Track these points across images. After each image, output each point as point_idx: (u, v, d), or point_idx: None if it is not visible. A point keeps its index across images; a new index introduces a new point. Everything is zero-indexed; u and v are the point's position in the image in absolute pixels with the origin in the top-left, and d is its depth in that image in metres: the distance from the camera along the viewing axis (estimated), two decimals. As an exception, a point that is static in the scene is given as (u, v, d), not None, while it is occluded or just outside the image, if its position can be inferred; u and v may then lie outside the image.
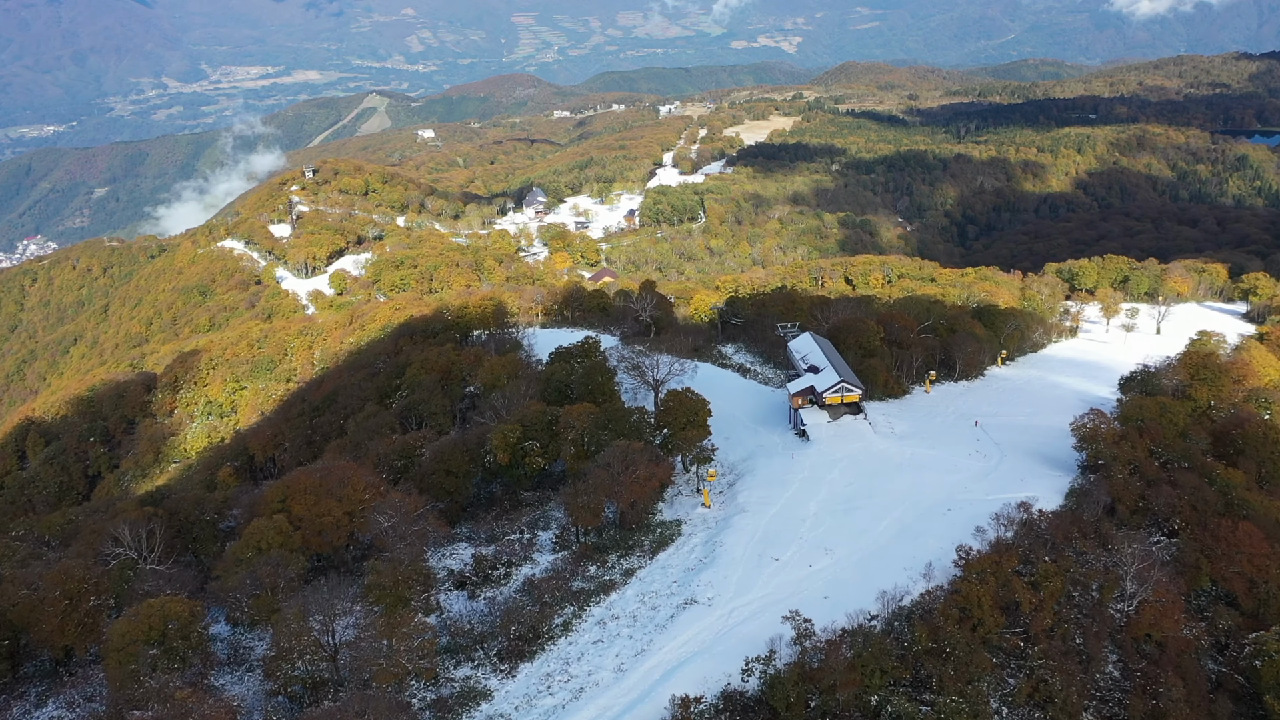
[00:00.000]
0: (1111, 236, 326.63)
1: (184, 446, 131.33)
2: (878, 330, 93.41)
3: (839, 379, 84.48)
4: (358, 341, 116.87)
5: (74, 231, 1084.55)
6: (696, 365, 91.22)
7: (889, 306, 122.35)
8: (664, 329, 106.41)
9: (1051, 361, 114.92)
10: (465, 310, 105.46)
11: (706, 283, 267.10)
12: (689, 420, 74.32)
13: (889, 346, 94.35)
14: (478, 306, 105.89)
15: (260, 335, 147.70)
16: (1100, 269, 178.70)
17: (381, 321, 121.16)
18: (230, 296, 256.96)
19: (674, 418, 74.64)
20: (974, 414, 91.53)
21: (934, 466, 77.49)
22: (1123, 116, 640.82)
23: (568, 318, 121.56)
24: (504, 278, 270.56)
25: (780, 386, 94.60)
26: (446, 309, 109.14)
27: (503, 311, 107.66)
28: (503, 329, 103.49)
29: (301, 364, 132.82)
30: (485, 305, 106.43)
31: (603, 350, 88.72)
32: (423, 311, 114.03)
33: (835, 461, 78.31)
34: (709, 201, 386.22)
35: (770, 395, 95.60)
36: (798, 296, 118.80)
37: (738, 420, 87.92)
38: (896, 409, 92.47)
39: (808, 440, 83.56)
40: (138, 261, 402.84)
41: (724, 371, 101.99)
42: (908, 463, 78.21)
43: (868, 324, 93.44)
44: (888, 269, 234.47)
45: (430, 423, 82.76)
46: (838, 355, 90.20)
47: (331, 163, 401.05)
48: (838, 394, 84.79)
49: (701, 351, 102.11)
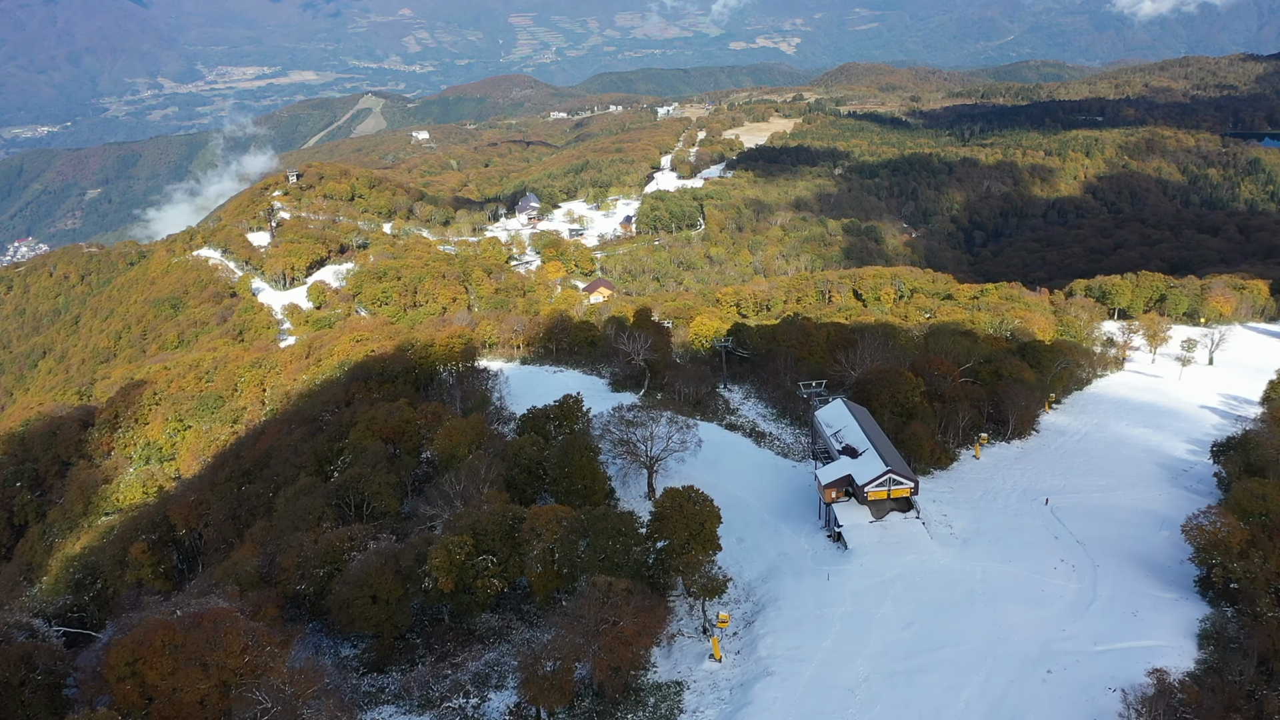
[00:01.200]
0: (1129, 245, 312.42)
1: (116, 497, 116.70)
2: (916, 382, 77.91)
3: (885, 469, 66.07)
4: (312, 379, 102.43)
5: (65, 233, 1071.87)
6: (699, 431, 74.83)
7: (919, 340, 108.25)
8: (661, 370, 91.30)
9: (1103, 403, 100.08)
10: (431, 349, 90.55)
11: (707, 295, 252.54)
12: (693, 533, 56.87)
13: (930, 401, 78.80)
14: (445, 345, 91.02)
15: (211, 365, 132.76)
16: (1134, 287, 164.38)
17: (340, 355, 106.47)
18: (202, 310, 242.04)
19: (673, 530, 56.98)
20: (1038, 488, 75.50)
21: (1015, 593, 59.83)
22: (1130, 119, 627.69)
23: (551, 352, 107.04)
24: (492, 290, 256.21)
25: (802, 458, 79.10)
26: (411, 345, 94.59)
27: (472, 353, 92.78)
28: (472, 372, 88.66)
29: (251, 402, 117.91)
30: (453, 343, 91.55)
31: (585, 409, 73.72)
32: (384, 347, 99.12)
33: (885, 586, 60.73)
34: (708, 207, 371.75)
35: (792, 473, 78.09)
36: (812, 328, 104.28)
37: (753, 512, 70.68)
38: (946, 486, 76.26)
39: (845, 549, 66.04)
40: (116, 269, 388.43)
41: (732, 436, 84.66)
42: (980, 587, 60.31)
43: (904, 375, 77.94)
44: (899, 283, 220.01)
45: (373, 503, 67.80)
46: (877, 428, 72.96)
47: (316, 166, 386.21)
48: (883, 488, 66.43)
49: (704, 405, 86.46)
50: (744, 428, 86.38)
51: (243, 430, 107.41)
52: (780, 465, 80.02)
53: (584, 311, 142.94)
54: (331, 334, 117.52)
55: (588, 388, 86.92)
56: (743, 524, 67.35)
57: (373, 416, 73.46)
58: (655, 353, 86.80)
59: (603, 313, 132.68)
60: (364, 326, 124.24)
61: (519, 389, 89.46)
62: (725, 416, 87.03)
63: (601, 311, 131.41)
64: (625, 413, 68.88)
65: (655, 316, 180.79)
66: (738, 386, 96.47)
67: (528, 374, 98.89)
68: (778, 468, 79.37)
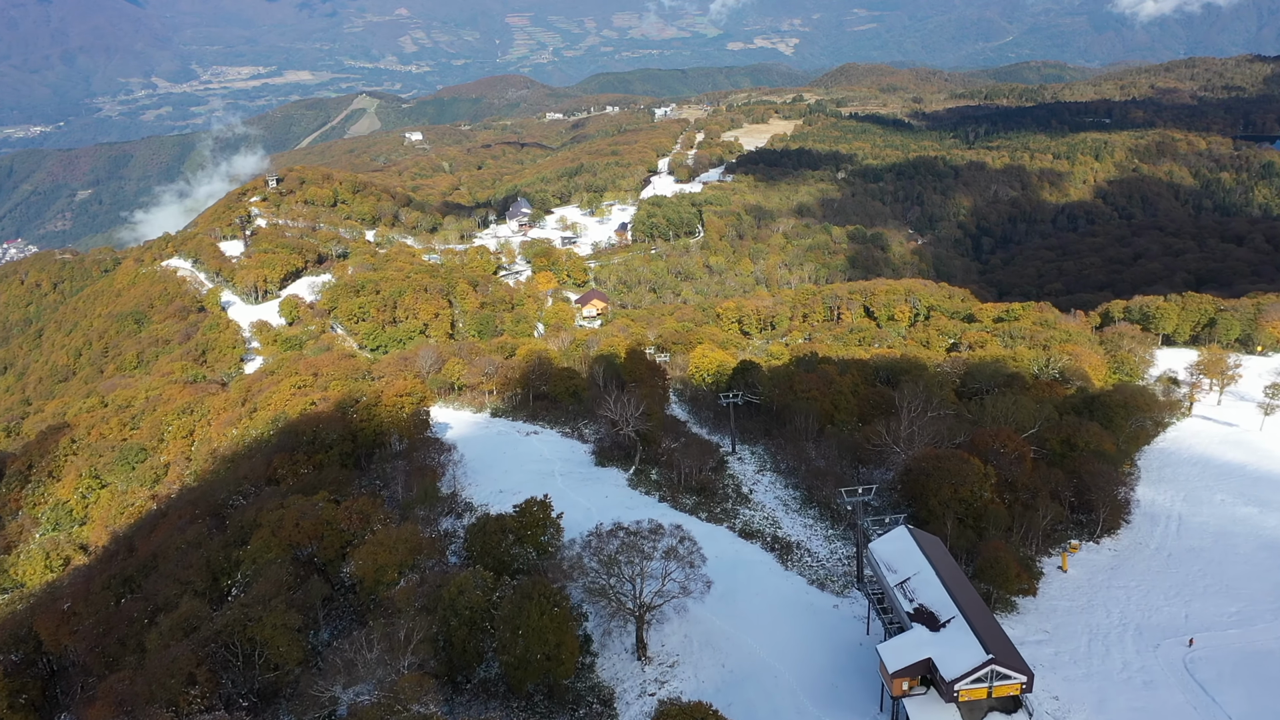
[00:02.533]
0: (1150, 255, 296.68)
1: (15, 570, 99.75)
2: (984, 474, 60.34)
3: (987, 658, 46.02)
4: (242, 436, 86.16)
5: (55, 235, 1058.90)
6: (706, 540, 56.67)
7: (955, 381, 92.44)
8: (655, 439, 74.08)
9: (1182, 465, 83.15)
10: (376, 411, 73.96)
11: (706, 309, 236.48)
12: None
13: (999, 492, 61.65)
14: (392, 405, 74.29)
15: (142, 406, 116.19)
16: (1181, 309, 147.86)
17: (276, 406, 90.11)
18: (165, 327, 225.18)
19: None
20: (1153, 622, 58.35)
21: None
22: (1139, 121, 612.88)
23: (528, 401, 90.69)
24: (477, 304, 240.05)
25: (843, 587, 60.25)
26: (355, 402, 78.08)
27: (423, 420, 75.86)
28: (423, 442, 71.86)
29: (176, 457, 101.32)
30: (402, 403, 74.98)
31: (557, 516, 56.65)
32: (326, 400, 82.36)
33: None
34: (707, 214, 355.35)
35: (833, 620, 57.35)
36: (834, 374, 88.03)
37: (782, 691, 50.34)
38: (1038, 628, 57.58)
39: None
40: (90, 276, 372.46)
41: (748, 550, 63.86)
42: None
43: (969, 465, 59.61)
44: (915, 300, 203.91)
45: (266, 652, 50.95)
46: (961, 577, 52.27)
47: (298, 170, 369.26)
48: (982, 684, 46.39)
49: (709, 490, 68.37)
50: (763, 534, 65.69)
51: (162, 493, 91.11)
52: (816, 604, 59.32)
53: (568, 345, 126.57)
54: (271, 380, 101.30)
55: (567, 458, 70.91)
56: (770, 715, 49.00)
57: (281, 519, 56.55)
58: (649, 419, 69.80)
59: (591, 345, 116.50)
60: (313, 367, 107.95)
61: (482, 459, 72.89)
62: (737, 510, 67.52)
63: (589, 344, 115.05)
64: (606, 541, 51.43)
65: (652, 340, 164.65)
66: (750, 451, 79.81)
67: (495, 435, 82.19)
68: (813, 608, 58.74)
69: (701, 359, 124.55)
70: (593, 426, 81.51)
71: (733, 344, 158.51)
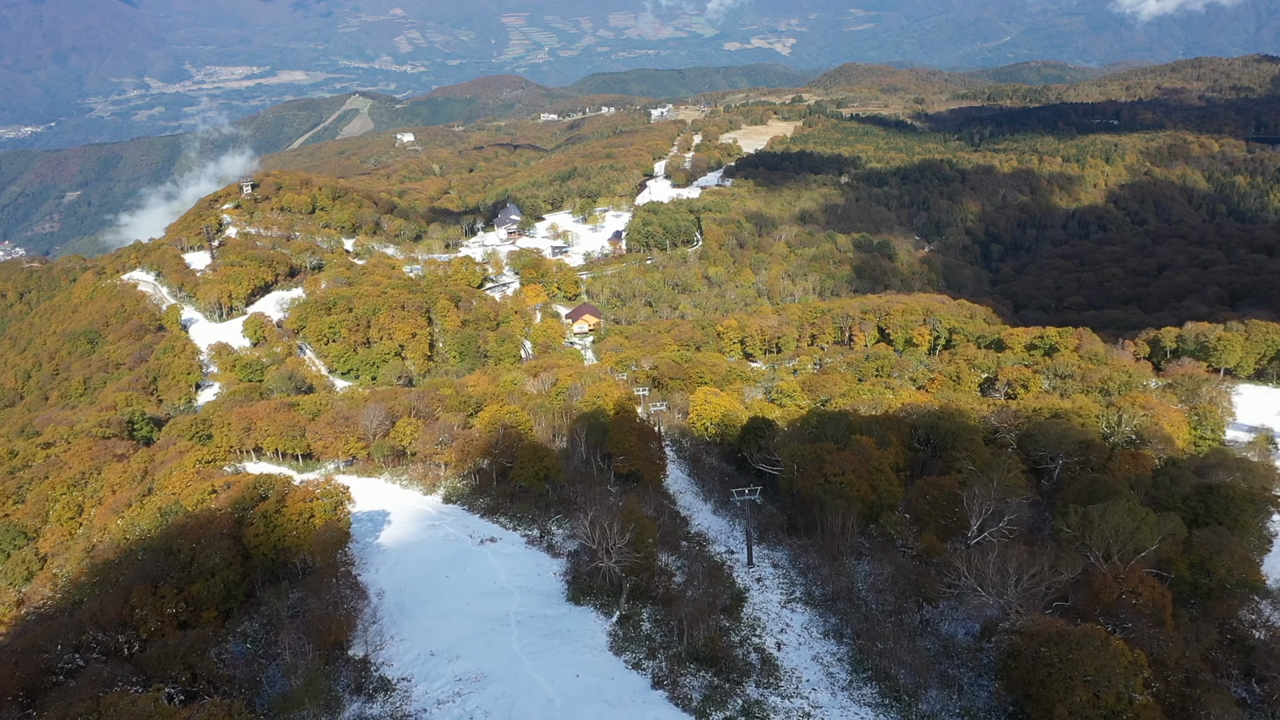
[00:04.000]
0: (1176, 266, 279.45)
1: None
2: (1133, 662, 39.28)
3: None
4: (125, 532, 67.77)
5: (43, 237, 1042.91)
6: None
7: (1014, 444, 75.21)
8: (647, 568, 53.90)
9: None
10: (277, 520, 55.10)
11: (706, 328, 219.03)
12: None
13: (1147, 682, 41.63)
14: (297, 516, 55.30)
15: (34, 473, 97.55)
16: (1245, 339, 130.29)
17: (172, 489, 71.48)
18: (118, 349, 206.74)
19: None
20: None
21: None
22: (1149, 123, 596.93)
23: (489, 481, 72.54)
24: (459, 322, 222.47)
25: None
26: (254, 502, 59.17)
27: (339, 537, 56.52)
28: (333, 571, 52.78)
29: (55, 546, 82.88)
30: (311, 511, 55.96)
31: None
32: (225, 495, 62.98)
33: None
34: (706, 221, 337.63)
35: None
36: (872, 451, 70.10)
37: None
38: None
39: None
40: (58, 286, 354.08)
41: None
42: None
43: (1108, 648, 38.39)
44: (934, 321, 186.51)
45: None
46: None
47: (275, 175, 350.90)
48: None
49: (723, 659, 47.07)
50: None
51: (33, 596, 72.61)
52: None
53: (549, 387, 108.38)
54: (174, 450, 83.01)
55: (530, 587, 52.56)
56: None
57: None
58: (638, 553, 50.94)
59: (574, 392, 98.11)
60: (246, 419, 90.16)
61: (415, 592, 53.57)
62: (766, 700, 44.86)
63: (573, 390, 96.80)
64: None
65: (645, 372, 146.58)
66: (771, 565, 61.37)
67: (441, 541, 63.12)
68: None
69: (704, 406, 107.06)
70: (568, 525, 63.60)
71: (737, 375, 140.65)
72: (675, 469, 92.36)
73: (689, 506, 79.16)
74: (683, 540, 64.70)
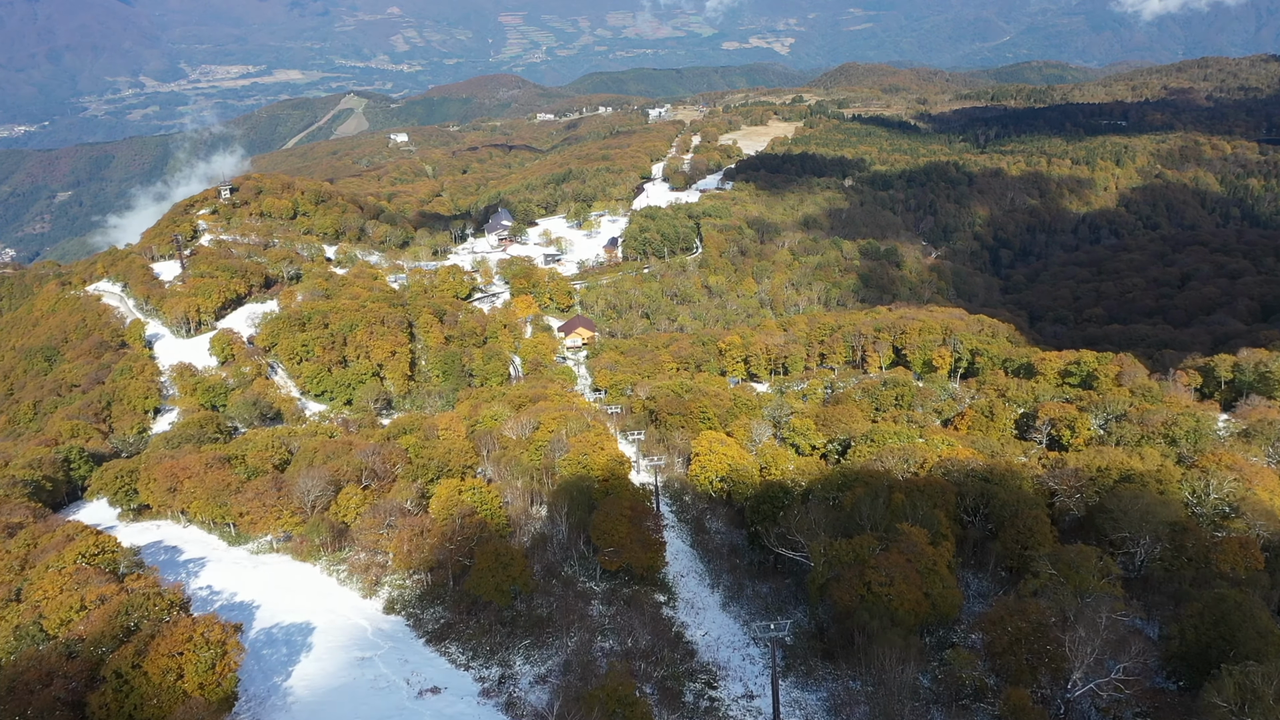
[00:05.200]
0: (1203, 277, 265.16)
1: None
2: None
3: None
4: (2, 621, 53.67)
5: (34, 238, 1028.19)
6: None
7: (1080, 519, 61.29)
8: None
9: None
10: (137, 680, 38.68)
11: (707, 344, 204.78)
12: None
13: None
14: (169, 656, 40.17)
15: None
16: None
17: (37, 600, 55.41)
18: (75, 368, 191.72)
19: None
20: None
21: None
22: (1158, 124, 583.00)
23: (442, 586, 57.53)
24: (442, 339, 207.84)
25: None
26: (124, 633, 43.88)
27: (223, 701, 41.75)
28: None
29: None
30: (188, 652, 41.23)
31: None
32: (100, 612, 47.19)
33: None
34: (706, 228, 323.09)
35: None
36: (923, 547, 55.72)
37: None
38: None
39: None
40: (31, 294, 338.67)
41: None
42: None
43: None
44: (955, 342, 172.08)
45: None
46: None
47: (255, 179, 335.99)
48: None
49: None
50: None
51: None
52: None
53: (529, 434, 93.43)
54: (62, 533, 68.28)
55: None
56: None
57: None
58: None
59: (557, 448, 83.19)
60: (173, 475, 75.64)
61: None
62: None
63: (554, 448, 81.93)
64: None
65: (642, 402, 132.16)
66: (804, 716, 47.27)
67: (368, 689, 47.06)
68: None
69: (708, 457, 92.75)
70: (537, 657, 48.96)
71: (743, 406, 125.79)
72: (675, 538, 78.01)
73: (693, 599, 64.92)
74: (687, 680, 50.40)
